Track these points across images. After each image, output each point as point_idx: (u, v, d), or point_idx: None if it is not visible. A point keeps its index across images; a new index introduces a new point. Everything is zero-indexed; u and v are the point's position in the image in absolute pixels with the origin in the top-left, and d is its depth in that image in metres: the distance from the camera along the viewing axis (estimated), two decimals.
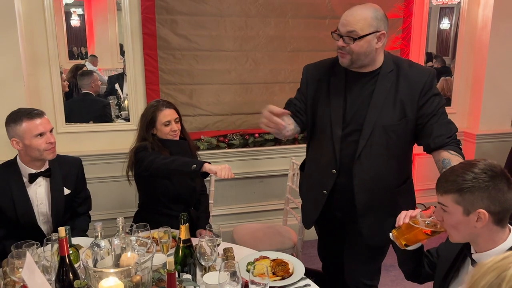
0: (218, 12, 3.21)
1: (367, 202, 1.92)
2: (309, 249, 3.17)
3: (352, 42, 1.77)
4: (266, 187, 3.53)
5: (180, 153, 2.31)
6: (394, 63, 1.89)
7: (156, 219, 2.11)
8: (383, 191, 1.92)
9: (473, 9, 3.75)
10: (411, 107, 1.85)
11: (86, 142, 3.15)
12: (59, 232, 1.46)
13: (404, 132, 1.88)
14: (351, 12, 1.80)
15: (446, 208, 1.33)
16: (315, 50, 3.42)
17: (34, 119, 2.02)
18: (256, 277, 1.53)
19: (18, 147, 2.04)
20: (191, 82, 3.27)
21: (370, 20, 1.77)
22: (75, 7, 4.32)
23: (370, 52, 1.81)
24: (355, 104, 1.89)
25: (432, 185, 4.20)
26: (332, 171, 1.93)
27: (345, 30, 1.79)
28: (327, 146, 1.94)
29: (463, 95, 3.94)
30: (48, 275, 1.55)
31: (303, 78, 2.09)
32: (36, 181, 2.11)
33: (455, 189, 1.29)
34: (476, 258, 1.36)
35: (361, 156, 1.87)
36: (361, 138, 1.86)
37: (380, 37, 1.80)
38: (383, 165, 1.89)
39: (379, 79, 1.86)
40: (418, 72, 1.88)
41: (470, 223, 1.30)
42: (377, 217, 1.95)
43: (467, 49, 3.84)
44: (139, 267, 1.43)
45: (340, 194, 1.96)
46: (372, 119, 1.85)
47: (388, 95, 1.85)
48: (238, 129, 3.44)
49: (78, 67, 3.59)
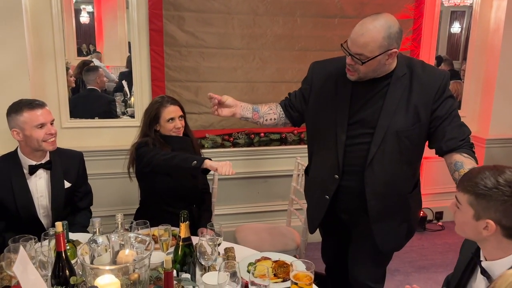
0: (226, 9, 3.18)
1: (379, 208, 1.86)
2: (313, 251, 3.12)
3: (361, 64, 1.71)
4: (270, 187, 3.49)
5: (183, 149, 2.28)
6: (407, 66, 1.82)
7: (157, 216, 2.08)
8: (396, 197, 1.87)
9: (485, 12, 3.70)
10: (425, 112, 1.79)
11: (90, 137, 3.14)
12: (56, 227, 1.43)
13: (417, 137, 1.82)
14: (362, 31, 1.67)
15: (459, 205, 1.31)
16: (323, 49, 3.38)
17: (35, 110, 2.01)
18: (257, 278, 1.50)
19: (18, 138, 2.03)
20: (197, 80, 3.24)
21: (381, 41, 1.66)
22: (85, 4, 4.32)
23: (379, 69, 1.75)
24: (364, 108, 1.83)
25: (440, 189, 4.18)
26: (334, 176, 1.88)
27: (354, 51, 1.70)
28: (331, 150, 1.88)
29: (473, 99, 3.88)
30: (44, 271, 1.52)
31: (308, 76, 2.03)
32: (36, 173, 2.10)
33: (473, 191, 1.26)
34: (485, 266, 1.31)
35: (373, 162, 1.81)
36: (373, 143, 1.80)
37: (392, 55, 1.71)
38: (396, 171, 1.83)
39: (392, 83, 1.79)
40: (432, 75, 1.81)
41: (477, 228, 1.27)
42: (390, 223, 1.90)
43: (479, 52, 3.78)
44: (136, 265, 1.40)
45: (346, 197, 1.92)
46: (384, 124, 1.78)
47: (401, 99, 1.78)
48: (243, 128, 3.40)
49: (85, 63, 3.59)
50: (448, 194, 3.72)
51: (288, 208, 2.94)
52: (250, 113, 2.04)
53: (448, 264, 3.33)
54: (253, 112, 2.04)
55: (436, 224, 3.98)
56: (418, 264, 3.33)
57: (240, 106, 2.01)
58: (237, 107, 1.99)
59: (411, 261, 3.36)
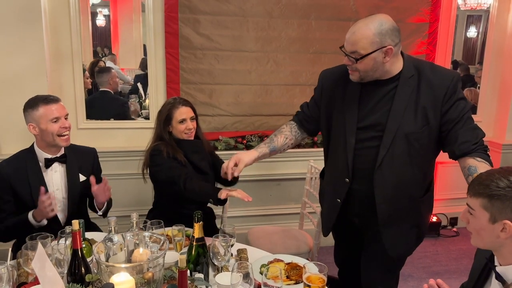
0: (241, 12, 3.20)
1: (389, 212, 1.85)
2: (325, 255, 3.11)
3: (355, 62, 1.73)
4: (283, 190, 3.49)
5: (195, 153, 2.31)
6: (415, 67, 1.80)
7: (169, 217, 2.09)
8: (406, 200, 1.85)
9: (502, 15, 3.66)
10: (434, 114, 1.76)
11: (106, 138, 3.17)
12: (72, 225, 1.45)
13: (427, 140, 1.80)
14: (353, 30, 1.74)
15: (472, 211, 1.28)
16: (338, 52, 3.29)
17: (50, 104, 2.09)
18: (269, 279, 1.50)
19: (34, 132, 2.11)
20: (211, 82, 3.26)
21: (372, 38, 1.69)
22: (101, 7, 4.38)
23: (378, 68, 1.74)
24: (373, 111, 1.82)
25: (454, 195, 4.12)
26: (345, 179, 1.88)
27: (348, 49, 1.75)
28: (341, 154, 1.89)
29: (489, 104, 3.83)
30: (60, 268, 1.55)
31: (319, 83, 2.06)
32: (52, 167, 2.16)
33: (486, 194, 1.24)
34: (500, 271, 1.29)
35: (382, 165, 1.80)
36: (382, 146, 1.79)
37: (387, 52, 1.71)
38: (406, 174, 1.82)
39: (400, 85, 1.78)
40: (441, 76, 1.78)
41: (494, 231, 1.25)
42: (399, 227, 1.89)
43: (495, 57, 3.73)
44: (151, 264, 1.41)
45: (357, 201, 1.91)
46: (393, 126, 1.77)
47: (409, 101, 1.77)
48: (257, 131, 3.41)
49: (94, 64, 3.62)
50: (463, 199, 3.64)
51: (301, 211, 2.93)
52: (268, 155, 2.13)
53: (462, 271, 3.29)
54: (270, 153, 2.13)
55: (451, 230, 3.93)
56: (431, 270, 3.30)
57: (257, 158, 2.09)
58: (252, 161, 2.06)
59: (424, 267, 3.32)
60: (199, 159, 2.33)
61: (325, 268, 1.53)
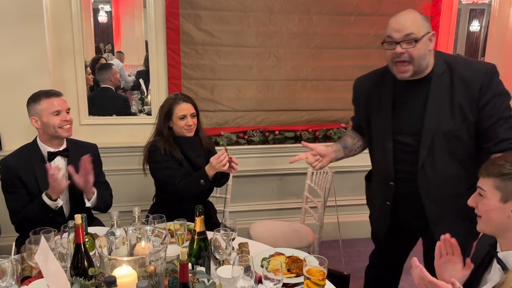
0: (242, 7, 3.20)
1: (437, 211, 1.85)
2: (326, 249, 3.12)
3: (413, 45, 1.69)
4: (284, 185, 3.50)
5: (191, 150, 2.32)
6: (446, 62, 1.78)
7: (170, 211, 2.10)
8: (453, 197, 1.82)
9: (504, 9, 3.64)
10: (471, 109, 1.73)
11: (108, 134, 3.19)
12: (75, 219, 1.46)
13: (467, 135, 1.77)
14: (401, 18, 1.72)
15: (483, 192, 1.30)
16: (339, 47, 3.37)
17: (51, 98, 2.15)
18: (270, 272, 1.51)
19: (36, 125, 2.16)
20: (213, 78, 3.27)
21: (422, 22, 1.71)
22: (103, 3, 4.39)
23: (426, 55, 1.73)
24: (409, 113, 1.82)
25: None
26: (389, 183, 1.90)
27: (402, 34, 1.70)
28: (382, 158, 1.91)
29: None
30: (64, 262, 1.57)
31: (354, 93, 2.08)
32: (54, 161, 2.19)
33: (498, 173, 1.26)
34: (502, 256, 1.31)
35: (424, 165, 1.79)
36: (422, 147, 1.78)
37: (432, 38, 1.73)
38: (449, 172, 1.80)
39: (432, 83, 1.77)
40: (474, 71, 1.75)
41: (504, 211, 1.27)
42: (450, 224, 1.83)
43: (497, 51, 3.71)
44: (153, 257, 1.43)
45: (404, 203, 1.92)
46: (430, 126, 1.76)
47: (444, 99, 1.75)
48: (258, 126, 3.42)
49: (95, 60, 3.63)
50: None
51: (302, 206, 2.94)
52: (342, 153, 2.10)
53: None
54: (343, 150, 2.11)
55: None
56: None
57: (333, 151, 2.06)
58: (331, 153, 2.04)
59: None
60: (195, 156, 2.35)
61: (326, 261, 1.54)
